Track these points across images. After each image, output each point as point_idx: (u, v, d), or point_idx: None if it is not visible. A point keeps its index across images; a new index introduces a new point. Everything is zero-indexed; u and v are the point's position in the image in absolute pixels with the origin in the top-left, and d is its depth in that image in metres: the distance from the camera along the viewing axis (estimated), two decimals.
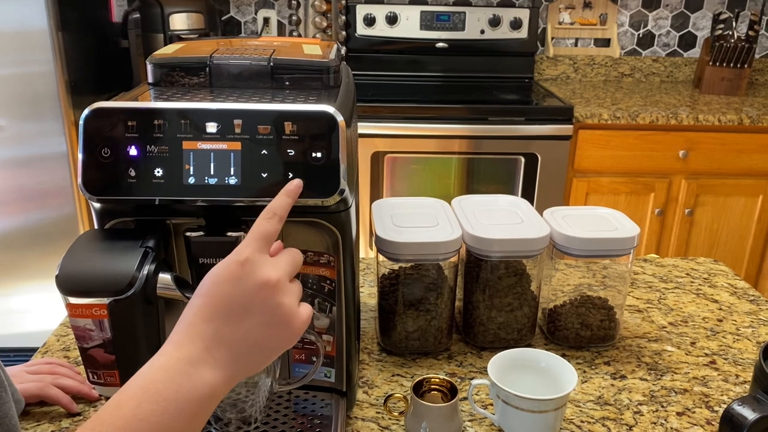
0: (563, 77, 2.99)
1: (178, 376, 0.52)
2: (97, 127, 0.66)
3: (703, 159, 2.41)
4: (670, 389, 0.93)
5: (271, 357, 0.58)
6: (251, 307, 0.55)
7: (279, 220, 0.60)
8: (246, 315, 0.55)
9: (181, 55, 0.78)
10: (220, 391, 0.54)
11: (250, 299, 0.55)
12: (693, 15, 2.93)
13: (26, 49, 2.00)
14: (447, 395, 0.83)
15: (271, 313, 0.56)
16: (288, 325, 0.57)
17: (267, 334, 0.56)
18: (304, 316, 0.58)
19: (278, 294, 0.56)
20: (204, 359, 0.53)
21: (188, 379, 0.52)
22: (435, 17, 2.75)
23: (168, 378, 0.52)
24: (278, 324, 0.56)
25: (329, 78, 0.77)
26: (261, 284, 0.55)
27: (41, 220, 2.15)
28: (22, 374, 0.88)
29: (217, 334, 0.54)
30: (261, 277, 0.55)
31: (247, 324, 0.55)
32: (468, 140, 2.32)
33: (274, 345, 0.57)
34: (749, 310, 1.16)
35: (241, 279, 0.55)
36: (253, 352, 0.56)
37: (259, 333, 0.55)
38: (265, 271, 0.56)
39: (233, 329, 0.54)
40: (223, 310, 0.54)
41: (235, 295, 0.55)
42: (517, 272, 0.99)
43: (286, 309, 0.56)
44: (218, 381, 0.54)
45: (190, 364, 0.52)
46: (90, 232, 0.68)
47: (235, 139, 0.66)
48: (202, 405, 0.52)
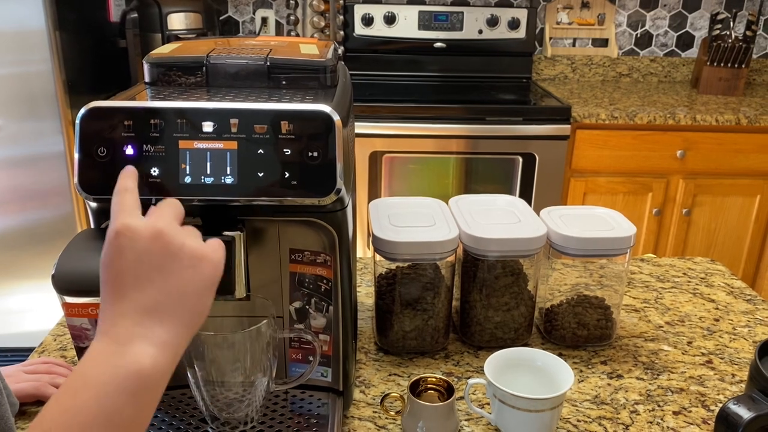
0: (561, 77, 2.99)
1: (113, 357, 0.50)
2: (93, 127, 0.66)
3: (701, 159, 2.41)
4: (667, 388, 0.94)
5: (204, 299, 0.55)
6: (155, 262, 0.52)
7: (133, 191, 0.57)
8: (154, 274, 0.52)
9: (178, 54, 0.78)
10: (165, 362, 0.51)
11: (149, 258, 0.52)
12: (690, 15, 2.94)
13: (24, 48, 2.00)
14: (444, 394, 0.83)
15: (177, 259, 0.53)
16: (201, 259, 0.54)
17: (186, 280, 0.53)
18: (214, 244, 0.56)
19: (173, 237, 0.53)
20: (135, 334, 0.51)
21: (123, 357, 0.49)
22: (433, 17, 2.75)
23: (102, 361, 0.50)
24: (191, 264, 0.53)
25: (326, 77, 0.77)
26: (151, 238, 0.52)
27: (39, 220, 2.15)
28: (18, 374, 0.88)
29: (137, 305, 0.52)
30: (147, 232, 0.52)
31: (161, 282, 0.52)
32: (466, 140, 2.32)
33: (199, 285, 0.54)
34: (746, 309, 1.17)
35: (130, 245, 0.52)
36: (182, 302, 0.53)
37: (178, 281, 0.53)
38: (148, 225, 0.53)
39: (150, 294, 0.52)
40: (130, 282, 0.52)
41: (133, 263, 0.52)
42: (514, 272, 0.99)
43: (190, 246, 0.54)
44: (158, 352, 0.51)
45: (122, 344, 0.50)
46: (86, 232, 0.69)
47: (232, 138, 0.66)
48: (145, 381, 0.50)
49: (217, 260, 0.55)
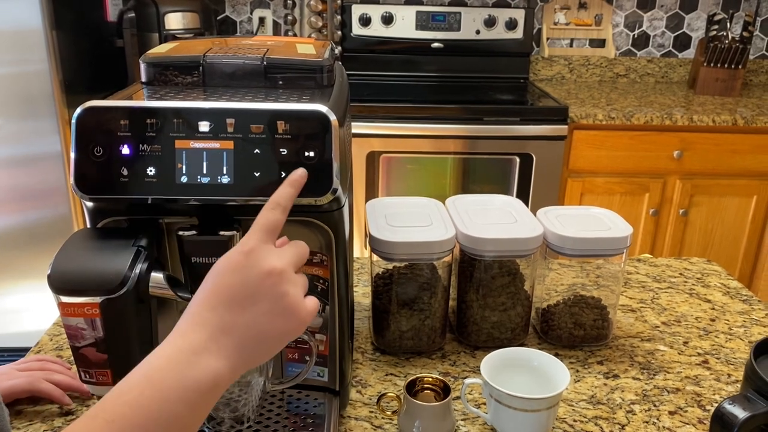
0: (558, 78, 2.99)
1: (182, 364, 0.52)
2: (89, 126, 0.66)
3: (698, 159, 2.41)
4: (663, 388, 0.94)
5: (277, 347, 0.57)
6: (256, 295, 0.55)
7: (283, 210, 0.60)
8: (251, 304, 0.55)
9: (175, 54, 0.78)
10: (224, 381, 0.54)
11: (255, 288, 0.55)
12: (688, 16, 2.94)
13: (21, 48, 2.00)
14: (440, 394, 0.83)
15: (276, 302, 0.56)
16: (293, 314, 0.57)
17: (272, 323, 0.56)
18: (309, 307, 0.58)
19: (283, 283, 0.56)
20: (208, 348, 0.53)
21: (191, 368, 0.52)
22: (430, 17, 2.75)
23: (171, 366, 0.52)
24: (283, 313, 0.56)
25: (322, 77, 0.77)
26: (266, 273, 0.55)
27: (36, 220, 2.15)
28: (12, 371, 0.88)
29: (221, 323, 0.54)
30: (266, 266, 0.55)
31: (251, 313, 0.55)
32: (463, 140, 2.32)
33: (280, 334, 0.57)
34: (742, 309, 1.17)
35: (246, 268, 0.55)
36: (258, 340, 0.55)
37: (264, 322, 0.55)
38: (270, 261, 0.56)
39: (237, 318, 0.54)
40: (228, 298, 0.55)
41: (240, 284, 0.55)
42: (510, 272, 0.99)
43: (292, 298, 0.56)
44: (222, 370, 0.53)
45: (194, 353, 0.52)
46: (82, 231, 0.68)
47: (228, 138, 0.66)
48: (204, 394, 0.52)
49: (304, 319, 0.58)
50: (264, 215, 0.59)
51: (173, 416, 0.50)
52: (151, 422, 0.49)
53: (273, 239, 0.58)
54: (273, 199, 0.60)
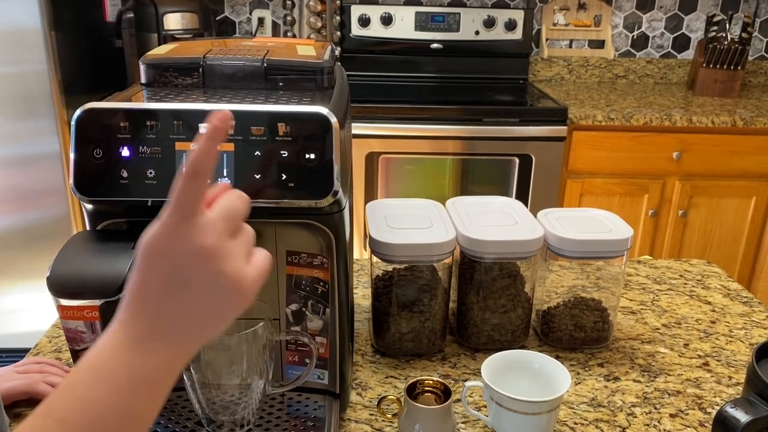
0: (557, 78, 2.99)
1: (129, 354, 0.49)
2: (89, 128, 0.65)
3: (697, 160, 2.41)
4: (663, 391, 0.94)
5: (226, 322, 0.53)
6: (189, 280, 0.50)
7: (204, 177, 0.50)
8: (185, 289, 0.50)
9: (175, 55, 0.78)
10: (178, 364, 0.51)
11: (186, 272, 0.49)
12: (687, 17, 2.94)
13: (19, 48, 1.99)
14: (440, 397, 0.83)
15: (212, 283, 0.50)
16: (236, 290, 0.51)
17: (214, 304, 0.51)
18: (254, 272, 0.52)
19: (216, 261, 0.50)
20: (153, 334, 0.50)
21: (140, 356, 0.49)
22: (430, 18, 2.75)
23: (118, 357, 0.49)
24: (224, 292, 0.51)
25: (323, 79, 0.77)
26: (194, 254, 0.49)
27: (34, 220, 2.14)
28: (10, 373, 0.88)
29: (159, 309, 0.50)
30: (193, 246, 0.49)
31: (188, 298, 0.50)
32: (462, 141, 2.32)
33: (224, 311, 0.52)
34: (742, 311, 1.17)
35: (171, 252, 0.49)
36: (203, 321, 0.51)
37: (204, 304, 0.50)
38: (198, 239, 0.49)
39: (175, 305, 0.50)
40: (160, 285, 0.50)
41: (169, 271, 0.49)
42: (511, 274, 0.99)
43: (229, 274, 0.50)
44: (172, 354, 0.50)
45: (139, 342, 0.49)
46: (82, 234, 0.68)
47: (228, 140, 0.66)
48: (158, 381, 0.50)
49: (247, 291, 0.52)
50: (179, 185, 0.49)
51: (128, 407, 0.48)
52: (105, 415, 0.47)
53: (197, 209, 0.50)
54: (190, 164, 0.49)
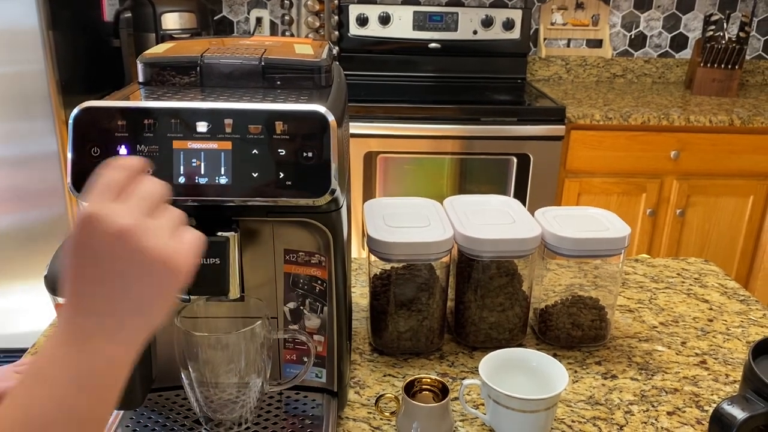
0: (555, 78, 2.99)
1: (71, 355, 0.48)
2: (86, 127, 0.65)
3: (695, 160, 2.42)
4: (661, 389, 0.94)
5: (165, 303, 0.51)
6: (114, 264, 0.48)
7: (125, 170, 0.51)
8: (114, 276, 0.49)
9: (172, 54, 0.78)
10: (124, 357, 0.50)
11: (109, 258, 0.48)
12: (684, 16, 2.95)
13: (17, 48, 1.99)
14: (438, 395, 0.83)
15: (138, 262, 0.49)
16: (162, 266, 0.49)
17: (147, 286, 0.49)
18: (181, 247, 0.51)
19: (136, 239, 0.48)
20: (91, 331, 0.49)
21: (82, 356, 0.48)
22: (428, 17, 2.75)
23: (58, 359, 0.48)
24: (153, 269, 0.49)
25: (320, 78, 0.77)
26: (114, 237, 0.48)
27: (32, 220, 2.14)
28: (8, 373, 0.88)
29: (92, 305, 0.49)
30: (110, 230, 0.48)
31: (119, 284, 0.49)
32: (460, 140, 2.32)
33: (160, 291, 0.50)
34: (739, 310, 1.17)
35: (90, 241, 0.48)
36: (140, 307, 0.50)
37: (137, 288, 0.49)
38: (112, 221, 0.48)
39: (109, 294, 0.49)
40: (88, 279, 0.49)
41: (92, 261, 0.48)
42: (508, 272, 0.99)
43: (154, 251, 0.49)
44: (115, 349, 0.49)
45: (78, 340, 0.48)
46: None
47: (226, 138, 0.66)
48: (105, 377, 0.49)
49: (180, 264, 0.50)
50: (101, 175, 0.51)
51: (72, 410, 0.47)
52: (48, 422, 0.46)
53: (112, 196, 0.50)
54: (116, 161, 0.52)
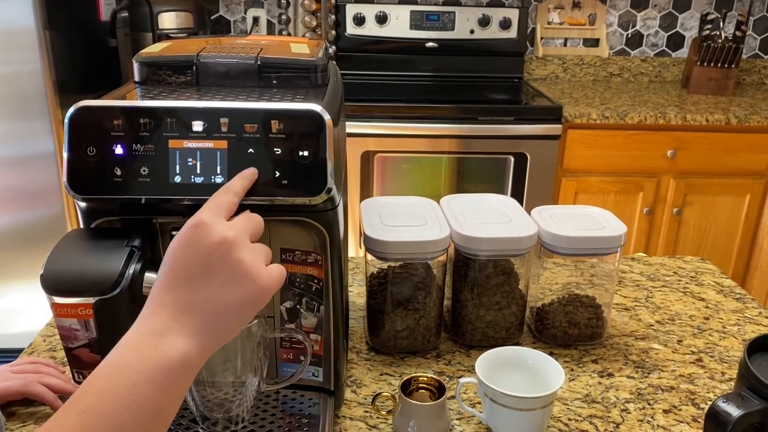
0: (552, 77, 3.00)
1: (146, 348, 0.52)
2: (82, 126, 0.65)
3: (691, 158, 2.42)
4: (657, 387, 0.94)
5: (243, 317, 0.56)
6: (210, 268, 0.54)
7: (234, 194, 0.60)
8: (206, 277, 0.54)
9: (168, 53, 0.78)
10: (194, 360, 0.53)
11: (207, 261, 0.54)
12: (681, 15, 2.95)
13: (13, 48, 1.99)
14: (435, 394, 0.83)
15: (232, 271, 0.54)
16: (253, 280, 0.55)
17: (231, 294, 0.54)
18: (272, 272, 0.56)
19: (236, 250, 0.54)
20: (170, 328, 0.53)
21: (156, 350, 0.52)
22: (425, 17, 2.75)
23: (136, 351, 0.52)
24: (242, 281, 0.54)
25: (317, 77, 0.77)
26: (217, 243, 0.54)
27: (29, 220, 2.14)
28: (5, 373, 0.88)
29: (179, 302, 0.53)
30: (216, 236, 0.54)
31: (208, 286, 0.54)
32: (458, 140, 2.33)
33: (242, 304, 0.55)
34: (735, 308, 1.17)
35: (196, 241, 0.54)
36: (220, 314, 0.54)
37: (223, 293, 0.54)
38: (220, 230, 0.55)
39: (195, 294, 0.53)
40: (182, 276, 0.54)
41: (192, 259, 0.54)
42: (505, 271, 0.99)
43: (247, 264, 0.55)
44: (189, 348, 0.53)
45: (157, 335, 0.52)
46: (75, 231, 0.68)
47: (222, 137, 0.66)
48: (174, 375, 0.52)
49: (265, 285, 0.55)
50: (216, 196, 0.59)
51: (145, 400, 0.50)
52: (122, 408, 0.49)
53: (224, 215, 0.57)
54: (226, 186, 0.61)
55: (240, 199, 0.61)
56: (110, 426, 0.49)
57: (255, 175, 0.64)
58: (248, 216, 0.59)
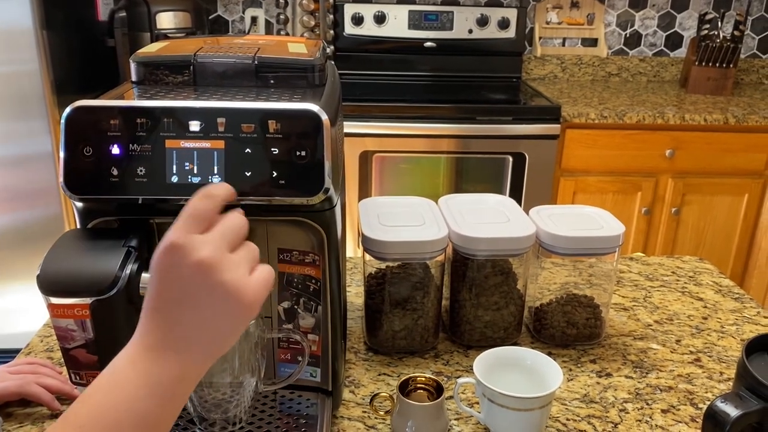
0: (551, 77, 3.00)
1: (145, 363, 0.52)
2: (79, 126, 0.65)
3: (690, 158, 2.42)
4: (655, 387, 0.94)
5: (234, 333, 0.55)
6: (191, 294, 0.52)
7: (213, 200, 0.56)
8: (189, 303, 0.52)
9: (165, 53, 0.78)
10: (192, 374, 0.54)
11: (188, 287, 0.52)
12: (679, 15, 2.95)
13: (11, 48, 1.98)
14: (433, 394, 0.83)
15: (215, 294, 0.52)
16: (238, 299, 0.53)
17: (219, 316, 0.53)
18: (256, 284, 0.54)
19: (216, 273, 0.52)
20: (165, 346, 0.53)
21: (155, 365, 0.52)
22: (423, 17, 2.75)
23: (134, 366, 0.52)
24: (226, 302, 0.53)
25: (314, 76, 0.76)
26: (194, 268, 0.52)
27: (26, 220, 2.14)
28: (2, 374, 0.87)
29: (167, 323, 0.53)
30: (191, 260, 0.52)
31: (194, 311, 0.53)
32: (456, 139, 2.32)
33: (230, 323, 0.54)
34: (734, 307, 1.17)
35: (172, 268, 0.52)
36: (211, 334, 0.54)
37: (210, 315, 0.53)
38: (195, 253, 0.52)
39: (183, 317, 0.53)
40: (167, 301, 0.53)
41: (173, 286, 0.52)
42: (503, 271, 0.99)
43: (229, 285, 0.53)
44: (186, 364, 0.53)
45: (153, 350, 0.52)
46: (72, 232, 0.68)
47: (219, 137, 0.66)
48: (173, 389, 0.52)
49: (250, 301, 0.54)
50: (191, 203, 0.55)
51: (144, 413, 0.50)
52: (121, 421, 0.50)
53: (198, 228, 0.54)
54: (206, 189, 0.56)
55: (220, 200, 0.56)
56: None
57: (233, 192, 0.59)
58: (225, 222, 0.56)
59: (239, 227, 0.56)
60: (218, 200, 0.56)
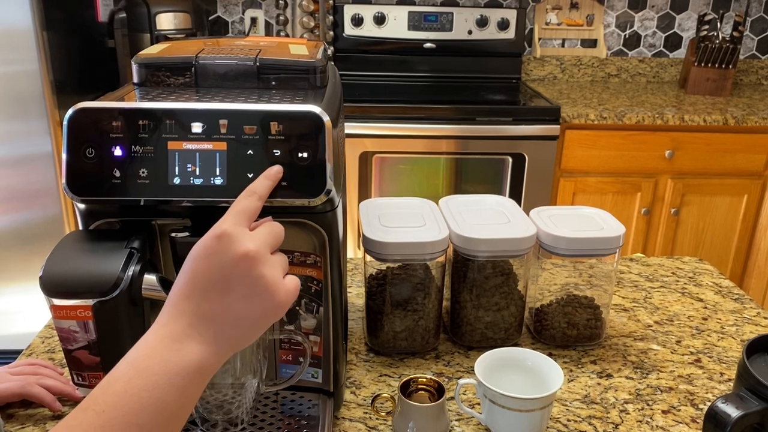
0: (550, 78, 3.00)
1: (166, 351, 0.53)
2: (81, 127, 0.65)
3: (689, 159, 2.42)
4: (656, 387, 0.94)
5: (259, 329, 0.57)
6: (231, 280, 0.55)
7: (259, 198, 0.61)
8: (226, 289, 0.55)
9: (167, 54, 0.78)
10: (210, 365, 0.55)
11: (229, 273, 0.55)
12: (678, 16, 2.96)
13: (11, 48, 1.98)
14: (434, 395, 0.83)
15: (252, 285, 0.55)
16: (272, 295, 0.56)
17: (250, 307, 0.56)
18: (289, 286, 0.58)
19: (258, 265, 0.55)
20: (188, 335, 0.54)
21: (175, 354, 0.53)
22: (423, 17, 2.76)
23: (155, 354, 0.53)
24: (261, 295, 0.56)
25: (315, 78, 0.77)
26: (239, 257, 0.55)
27: (27, 221, 2.14)
28: (4, 375, 0.87)
29: (198, 310, 0.54)
30: (239, 250, 0.55)
31: (228, 298, 0.55)
32: (456, 140, 2.33)
33: (260, 316, 0.56)
34: (734, 308, 1.17)
35: (219, 253, 0.55)
36: (238, 325, 0.56)
37: (242, 306, 0.55)
38: (243, 244, 0.55)
39: (214, 304, 0.55)
40: (203, 285, 0.55)
41: (214, 270, 0.55)
42: (504, 272, 0.99)
43: (268, 279, 0.56)
44: (206, 354, 0.54)
45: (175, 340, 0.53)
46: (74, 233, 0.68)
47: (221, 139, 0.66)
48: (191, 379, 0.53)
49: (282, 301, 0.57)
50: (239, 201, 0.59)
51: (163, 402, 0.51)
52: (141, 409, 0.50)
53: (247, 223, 0.58)
54: (249, 188, 0.61)
55: (263, 201, 0.61)
56: (129, 426, 0.50)
57: (280, 174, 0.64)
58: (270, 226, 0.60)
59: (279, 234, 0.60)
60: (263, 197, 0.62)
